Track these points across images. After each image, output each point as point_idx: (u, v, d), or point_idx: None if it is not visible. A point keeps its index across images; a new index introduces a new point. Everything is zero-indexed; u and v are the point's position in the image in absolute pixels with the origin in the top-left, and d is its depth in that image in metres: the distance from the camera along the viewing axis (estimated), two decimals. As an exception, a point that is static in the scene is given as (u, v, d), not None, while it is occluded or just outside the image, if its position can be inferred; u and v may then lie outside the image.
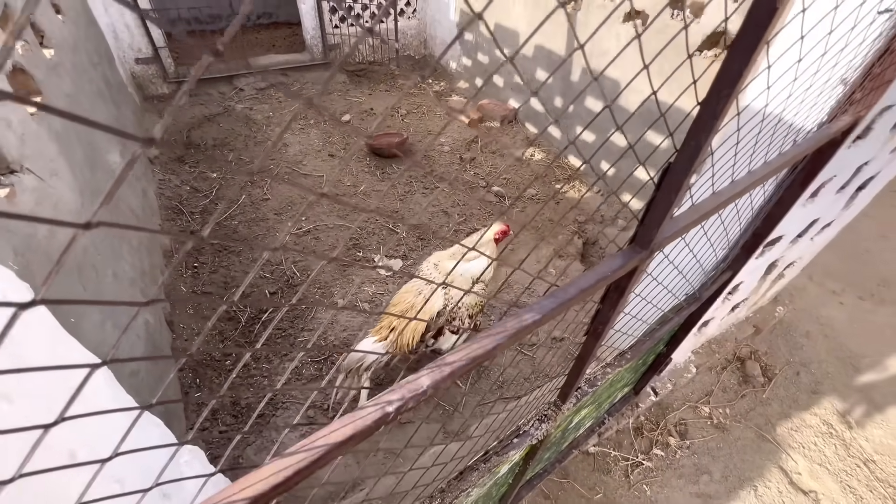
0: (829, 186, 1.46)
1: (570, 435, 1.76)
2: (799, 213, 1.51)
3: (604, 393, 1.61)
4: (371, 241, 2.77)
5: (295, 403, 1.93)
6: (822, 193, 1.49)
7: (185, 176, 3.24)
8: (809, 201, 1.47)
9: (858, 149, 1.34)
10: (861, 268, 3.12)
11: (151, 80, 4.07)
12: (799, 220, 1.57)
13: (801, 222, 1.62)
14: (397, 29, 4.84)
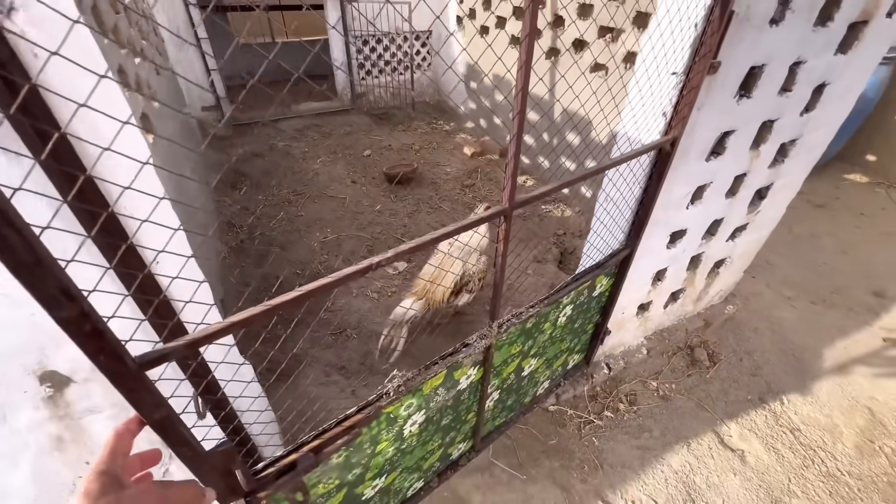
0: (709, 192, 1.97)
1: (529, 389, 2.22)
2: (692, 212, 2.02)
3: (549, 347, 2.06)
4: (383, 247, 3.38)
5: (315, 364, 2.48)
6: (706, 197, 1.99)
7: (236, 198, 4.00)
8: (694, 204, 1.98)
9: (721, 163, 1.86)
10: (818, 278, 3.47)
11: (213, 124, 4.99)
12: (695, 217, 2.06)
13: (700, 220, 2.11)
14: (413, 80, 5.69)
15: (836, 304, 3.22)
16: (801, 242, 3.86)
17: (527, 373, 2.06)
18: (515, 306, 1.72)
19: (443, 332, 2.66)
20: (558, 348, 2.13)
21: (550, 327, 1.88)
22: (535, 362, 2.05)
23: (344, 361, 2.50)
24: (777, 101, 1.79)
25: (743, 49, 1.47)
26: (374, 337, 2.65)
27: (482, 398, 1.83)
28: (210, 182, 4.12)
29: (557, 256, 3.33)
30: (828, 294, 3.31)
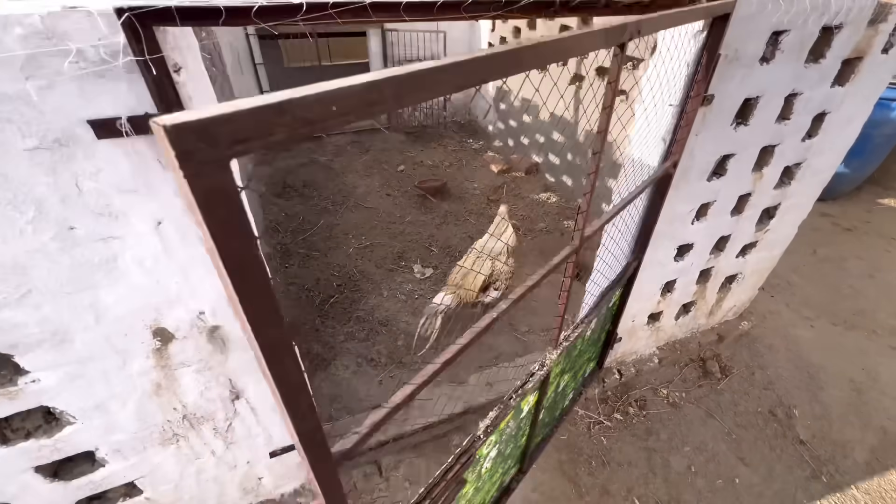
0: (714, 209, 2.14)
1: (560, 403, 2.40)
2: (697, 227, 2.19)
3: (577, 360, 2.25)
4: (412, 255, 3.66)
5: (348, 355, 2.76)
6: (711, 214, 2.16)
7: (282, 205, 4.41)
8: (699, 220, 2.15)
9: (723, 183, 2.04)
10: (840, 300, 3.48)
11: (262, 139, 5.48)
12: (701, 232, 2.23)
13: (706, 235, 2.27)
14: (445, 101, 6.05)
15: (857, 326, 3.23)
16: (825, 265, 3.87)
17: (561, 388, 2.24)
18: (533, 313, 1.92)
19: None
20: (582, 359, 2.31)
21: (581, 342, 2.07)
22: (567, 377, 2.23)
23: (373, 354, 2.76)
24: (776, 129, 1.96)
25: (735, 83, 1.68)
26: (402, 334, 2.91)
27: (534, 421, 1.89)
28: (258, 191, 4.56)
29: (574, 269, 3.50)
30: (850, 316, 3.32)
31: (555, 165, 4.72)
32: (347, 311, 3.07)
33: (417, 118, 6.19)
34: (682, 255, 2.32)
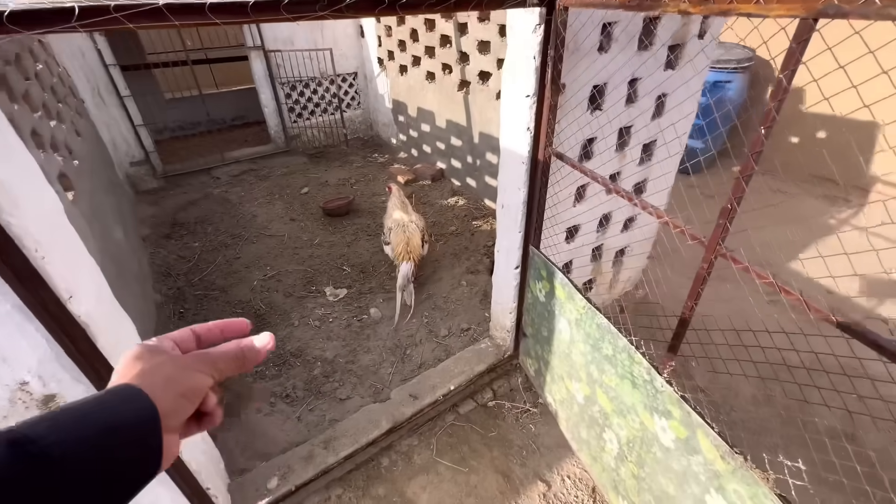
0: (590, 190, 2.31)
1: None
2: (579, 208, 2.34)
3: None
4: (323, 278, 3.50)
5: (259, 395, 2.53)
6: (588, 195, 2.33)
7: (171, 247, 3.99)
8: (579, 202, 2.31)
9: (592, 165, 2.20)
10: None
11: (143, 178, 4.96)
12: (584, 213, 2.39)
13: (589, 215, 2.44)
14: (343, 119, 5.96)
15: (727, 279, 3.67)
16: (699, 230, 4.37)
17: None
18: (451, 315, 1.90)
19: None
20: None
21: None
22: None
23: (288, 389, 2.56)
24: (627, 112, 2.17)
25: (582, 72, 1.82)
26: (318, 362, 2.74)
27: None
28: (142, 234, 4.09)
29: (489, 266, 3.59)
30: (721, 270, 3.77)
31: (458, 169, 4.84)
32: (255, 349, 2.83)
33: (318, 139, 6.02)
34: (571, 237, 2.47)
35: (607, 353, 1.64)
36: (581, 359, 1.85)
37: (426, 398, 2.38)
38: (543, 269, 2.01)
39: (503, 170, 2.07)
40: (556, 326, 2.00)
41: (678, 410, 1.32)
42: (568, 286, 1.83)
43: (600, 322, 1.64)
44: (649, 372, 1.42)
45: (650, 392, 1.44)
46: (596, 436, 1.87)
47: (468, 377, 2.50)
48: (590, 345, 1.75)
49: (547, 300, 2.04)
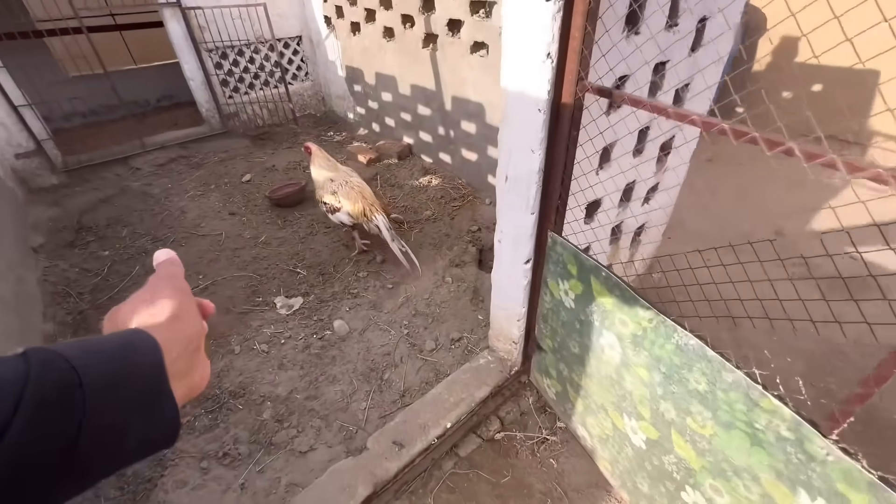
0: (616, 151, 1.72)
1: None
2: (602, 176, 1.76)
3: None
4: (272, 285, 2.79)
5: (187, 457, 1.84)
6: (614, 158, 1.74)
7: (73, 259, 3.14)
8: (603, 168, 1.72)
9: (621, 114, 1.61)
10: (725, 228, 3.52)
11: (37, 173, 3.98)
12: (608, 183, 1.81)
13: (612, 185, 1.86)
14: (289, 92, 5.09)
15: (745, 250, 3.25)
16: (702, 197, 3.94)
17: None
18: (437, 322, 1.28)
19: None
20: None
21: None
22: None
23: (227, 445, 1.89)
24: (665, 38, 1.57)
25: (621, -33, 1.20)
26: (268, 401, 2.07)
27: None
28: (32, 244, 3.20)
29: (476, 256, 2.99)
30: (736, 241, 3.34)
31: (429, 144, 4.16)
32: (179, 391, 2.12)
33: (261, 116, 5.14)
34: (591, 214, 1.89)
35: (698, 388, 1.08)
36: (642, 390, 1.28)
37: (416, 444, 1.77)
38: (572, 263, 1.42)
39: (507, 126, 1.44)
40: (596, 342, 1.43)
41: (864, 496, 0.78)
42: (619, 288, 1.25)
43: (686, 343, 1.07)
44: (796, 427, 0.86)
45: (794, 458, 0.89)
46: (668, 494, 1.33)
47: (468, 407, 1.91)
48: (660, 372, 1.19)
49: (578, 306, 1.46)
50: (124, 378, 0.33)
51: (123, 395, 0.33)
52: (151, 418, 0.35)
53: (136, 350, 0.36)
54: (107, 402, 0.32)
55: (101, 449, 0.31)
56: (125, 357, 0.34)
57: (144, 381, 0.35)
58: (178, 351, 0.40)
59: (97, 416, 0.30)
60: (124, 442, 0.33)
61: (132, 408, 0.34)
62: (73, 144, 4.80)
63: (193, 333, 0.43)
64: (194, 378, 0.43)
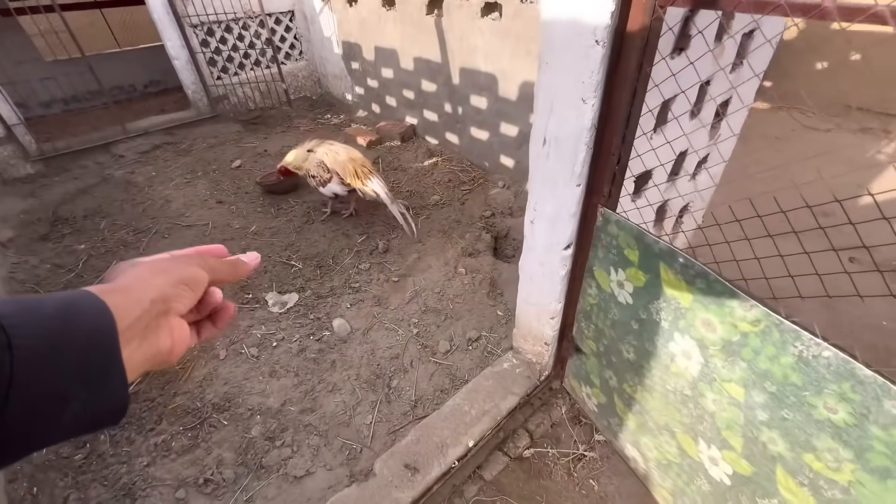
0: (674, 110, 1.40)
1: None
2: (656, 142, 1.43)
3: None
4: (263, 280, 2.49)
5: (161, 486, 1.56)
6: (671, 119, 1.42)
7: (46, 254, 2.84)
8: (656, 132, 1.40)
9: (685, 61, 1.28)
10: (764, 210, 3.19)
11: (10, 162, 3.67)
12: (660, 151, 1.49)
13: (664, 154, 1.54)
14: (282, 73, 4.74)
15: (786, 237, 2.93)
16: (736, 174, 3.61)
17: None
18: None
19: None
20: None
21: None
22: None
23: (209, 469, 1.60)
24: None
25: None
26: (257, 415, 1.78)
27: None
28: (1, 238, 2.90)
29: (491, 244, 2.68)
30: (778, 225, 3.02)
31: (434, 124, 3.82)
32: (154, 405, 1.83)
33: (252, 99, 4.80)
34: (638, 191, 1.57)
35: (832, 417, 0.77)
36: (732, 412, 0.98)
37: (432, 467, 1.48)
38: (631, 247, 1.11)
39: (547, 71, 1.12)
40: (662, 348, 1.12)
41: None
42: (706, 280, 0.94)
43: (817, 355, 0.76)
44: None
45: None
46: (761, 545, 1.03)
47: (493, 421, 1.62)
48: (766, 392, 0.88)
49: (638, 302, 1.15)
50: (64, 340, 0.29)
51: (62, 361, 0.29)
52: (96, 389, 0.31)
53: (78, 310, 0.31)
54: (41, 368, 0.28)
55: (31, 421, 0.28)
56: (67, 318, 0.30)
57: (88, 346, 0.31)
58: (138, 313, 0.35)
59: (28, 384, 0.27)
60: (61, 415, 0.29)
61: (71, 375, 0.30)
62: (49, 131, 4.49)
63: (161, 294, 0.37)
64: (159, 344, 0.37)
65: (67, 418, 0.29)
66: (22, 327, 0.27)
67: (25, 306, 0.29)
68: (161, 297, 0.37)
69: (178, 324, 0.40)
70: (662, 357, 1.13)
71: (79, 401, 0.30)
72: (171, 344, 0.39)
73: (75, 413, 0.30)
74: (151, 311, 0.36)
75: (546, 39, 1.07)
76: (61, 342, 0.29)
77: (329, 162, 2.67)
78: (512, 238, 2.80)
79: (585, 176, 1.19)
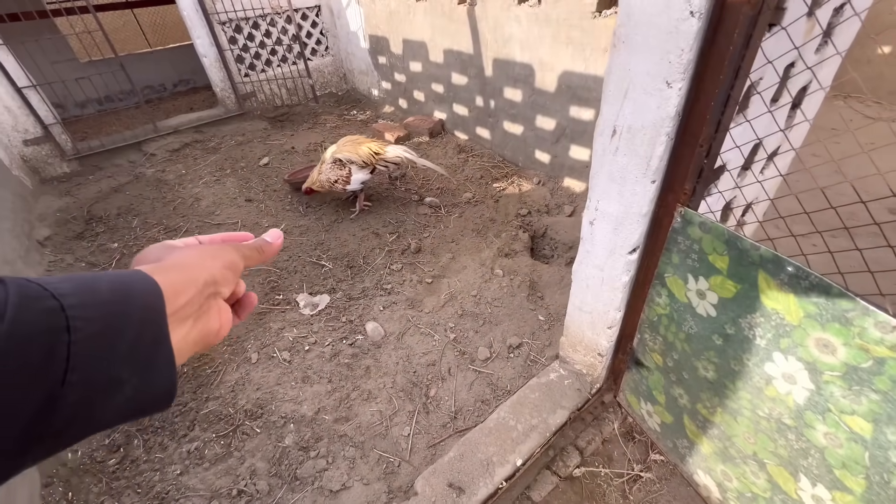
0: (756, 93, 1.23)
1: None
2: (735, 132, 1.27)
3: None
4: (293, 280, 2.42)
5: (194, 496, 1.50)
6: (753, 105, 1.25)
7: (81, 252, 2.86)
8: (735, 119, 1.24)
9: (777, 40, 1.12)
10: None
11: (48, 161, 3.74)
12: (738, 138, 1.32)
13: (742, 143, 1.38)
14: (308, 68, 4.69)
15: (857, 234, 2.68)
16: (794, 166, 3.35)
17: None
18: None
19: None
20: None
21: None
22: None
23: (241, 479, 1.54)
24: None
25: None
26: (290, 423, 1.71)
27: None
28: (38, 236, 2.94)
29: (528, 243, 2.54)
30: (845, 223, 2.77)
31: (463, 118, 3.69)
32: (187, 410, 1.78)
33: (279, 96, 4.77)
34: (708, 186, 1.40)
35: None
36: (853, 449, 0.83)
37: (478, 487, 1.36)
38: (719, 252, 0.97)
39: (623, 51, 0.98)
40: (754, 368, 0.97)
41: None
42: (826, 293, 0.79)
43: None
44: None
45: None
46: None
47: (542, 437, 1.49)
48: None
49: (725, 314, 1.00)
50: (119, 321, 0.29)
51: (118, 343, 0.28)
52: (146, 372, 0.30)
53: (131, 289, 0.30)
54: (98, 351, 0.27)
55: (86, 405, 0.27)
56: (121, 297, 0.29)
57: (141, 327, 0.30)
58: (193, 292, 0.35)
59: (84, 368, 0.26)
60: (114, 399, 0.28)
61: (125, 357, 0.29)
62: (85, 131, 4.58)
63: (212, 277, 0.38)
64: (210, 324, 0.38)
65: (119, 402, 0.29)
66: (79, 308, 0.26)
67: (81, 285, 0.28)
68: (212, 279, 0.38)
69: (224, 306, 0.41)
70: (755, 378, 0.99)
71: (130, 385, 0.29)
72: (220, 325, 0.40)
73: (127, 397, 0.29)
74: (204, 291, 0.37)
75: (624, 14, 0.93)
76: (117, 323, 0.28)
77: (340, 156, 2.62)
78: (550, 237, 2.66)
79: (662, 171, 1.04)
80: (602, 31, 2.29)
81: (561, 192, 2.97)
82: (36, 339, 0.24)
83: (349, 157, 2.62)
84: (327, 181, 2.69)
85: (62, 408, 0.25)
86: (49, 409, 0.25)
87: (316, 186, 2.79)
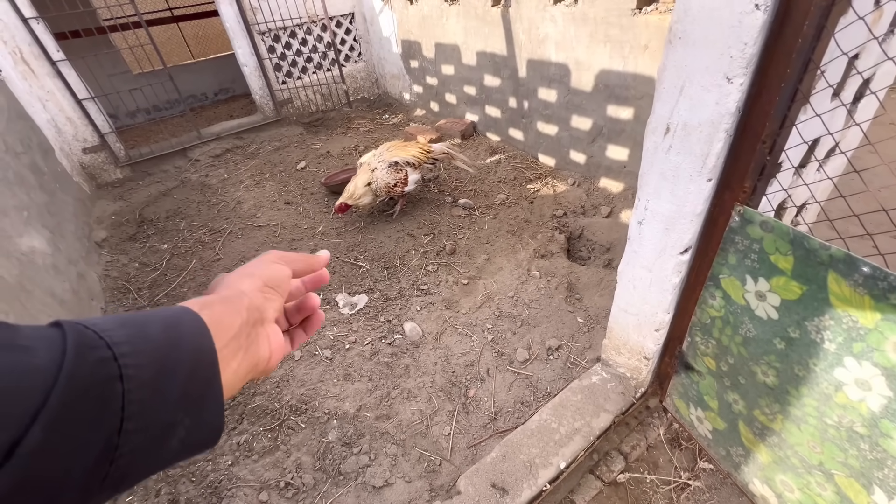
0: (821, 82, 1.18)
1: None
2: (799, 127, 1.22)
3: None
4: (332, 281, 2.48)
5: (245, 487, 1.56)
6: (816, 99, 1.20)
7: (134, 253, 3.03)
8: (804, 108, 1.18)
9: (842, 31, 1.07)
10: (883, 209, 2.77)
11: (103, 168, 3.98)
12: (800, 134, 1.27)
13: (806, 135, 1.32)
14: (343, 74, 4.80)
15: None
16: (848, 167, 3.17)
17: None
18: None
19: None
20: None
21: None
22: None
23: (288, 472, 1.59)
24: None
25: None
26: (333, 419, 1.75)
27: None
28: (96, 238, 3.14)
29: (564, 244, 2.51)
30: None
31: (496, 120, 3.69)
32: (235, 405, 1.86)
33: (315, 102, 4.91)
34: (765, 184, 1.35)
35: None
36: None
37: (522, 489, 1.36)
38: (782, 252, 0.93)
39: (680, 47, 0.96)
40: (822, 374, 0.93)
41: None
42: (911, 295, 0.74)
43: None
44: None
45: None
46: None
47: (585, 441, 1.47)
48: None
49: (788, 317, 0.96)
50: (171, 365, 0.28)
51: (171, 387, 0.28)
52: (198, 413, 0.30)
53: (181, 332, 0.30)
54: (152, 397, 0.26)
55: (139, 456, 0.26)
56: (172, 340, 0.29)
57: (192, 369, 0.29)
58: (239, 323, 0.35)
59: (139, 415, 0.26)
60: (168, 443, 0.28)
61: (178, 401, 0.28)
62: (135, 139, 4.85)
63: (250, 303, 0.37)
64: (259, 353, 0.37)
65: (174, 446, 0.28)
66: (131, 356, 0.26)
67: (131, 328, 0.27)
68: (253, 305, 0.37)
69: (274, 331, 0.40)
70: (822, 384, 0.94)
71: (183, 426, 0.29)
72: (270, 352, 0.38)
73: (180, 439, 0.29)
74: (249, 319, 0.36)
75: (681, 10, 0.92)
76: (168, 367, 0.28)
77: (397, 159, 2.67)
78: (586, 239, 2.62)
79: (720, 169, 1.01)
80: (642, 28, 2.24)
81: (597, 193, 2.92)
82: (92, 390, 0.24)
83: (405, 158, 2.68)
84: (385, 186, 2.66)
85: (120, 457, 0.25)
86: (107, 460, 0.24)
87: (351, 202, 2.70)
